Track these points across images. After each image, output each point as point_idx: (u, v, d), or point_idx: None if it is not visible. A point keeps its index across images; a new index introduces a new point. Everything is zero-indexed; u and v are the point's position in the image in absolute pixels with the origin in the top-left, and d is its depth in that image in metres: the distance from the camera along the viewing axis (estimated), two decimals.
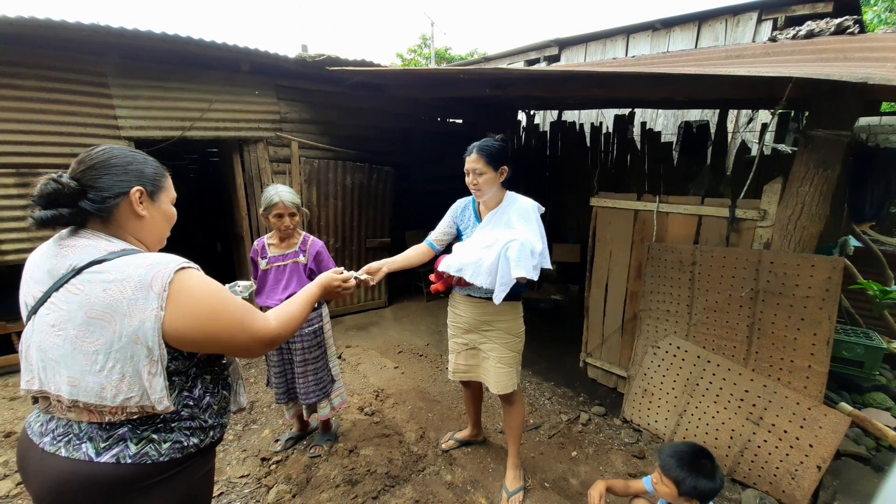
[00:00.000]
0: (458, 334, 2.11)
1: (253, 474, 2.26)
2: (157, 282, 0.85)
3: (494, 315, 1.97)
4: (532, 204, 1.90)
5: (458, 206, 2.12)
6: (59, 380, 0.86)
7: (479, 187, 1.85)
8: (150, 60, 3.30)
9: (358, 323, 4.48)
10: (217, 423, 1.04)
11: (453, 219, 2.11)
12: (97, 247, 0.90)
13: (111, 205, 0.93)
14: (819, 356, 2.13)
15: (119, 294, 0.84)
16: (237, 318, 0.96)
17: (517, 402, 2.09)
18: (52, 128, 3.04)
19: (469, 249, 1.83)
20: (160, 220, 1.05)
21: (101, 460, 0.87)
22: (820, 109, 2.03)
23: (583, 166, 5.44)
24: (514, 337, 2.01)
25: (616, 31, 5.68)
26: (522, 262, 1.66)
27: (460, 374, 2.17)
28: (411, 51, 16.38)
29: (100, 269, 0.86)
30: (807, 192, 2.08)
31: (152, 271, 0.86)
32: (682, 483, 1.38)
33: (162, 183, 1.04)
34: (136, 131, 3.34)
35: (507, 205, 1.90)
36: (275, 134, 3.97)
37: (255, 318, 1.01)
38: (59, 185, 0.88)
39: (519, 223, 1.81)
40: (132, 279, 0.84)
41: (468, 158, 1.85)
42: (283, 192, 2.08)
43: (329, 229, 4.34)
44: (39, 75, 2.95)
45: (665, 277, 2.68)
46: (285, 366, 2.29)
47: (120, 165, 0.96)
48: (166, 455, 0.92)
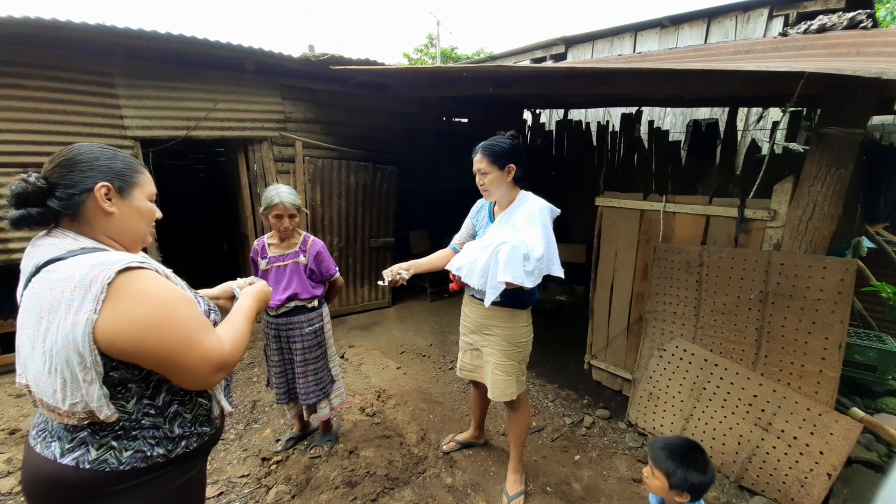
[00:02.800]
0: (466, 333, 2.11)
1: (253, 474, 2.25)
2: (97, 282, 0.79)
3: (493, 319, 1.93)
4: (541, 205, 1.80)
5: (476, 207, 2.10)
6: (29, 377, 0.87)
7: (486, 187, 1.82)
8: (155, 60, 3.32)
9: (361, 322, 4.47)
10: (191, 432, 0.98)
11: (471, 220, 2.09)
12: (60, 245, 0.87)
13: (77, 202, 0.90)
14: (831, 361, 2.07)
15: (60, 294, 0.80)
16: (184, 332, 0.86)
17: (521, 408, 2.05)
18: (58, 127, 3.06)
19: (470, 249, 1.81)
20: (132, 217, 0.98)
21: (63, 462, 0.86)
22: (833, 107, 1.97)
23: (589, 165, 5.38)
24: (514, 346, 1.92)
25: (623, 28, 5.61)
26: (510, 266, 1.59)
27: (465, 373, 2.17)
28: (417, 50, 16.37)
29: (53, 267, 0.83)
30: (819, 191, 2.02)
31: (94, 271, 0.80)
32: (673, 475, 1.35)
33: (133, 178, 0.98)
34: (141, 131, 3.36)
35: (517, 205, 1.85)
36: (279, 133, 3.98)
37: (206, 335, 0.91)
38: (27, 184, 0.87)
39: (523, 225, 1.74)
40: (74, 279, 0.80)
41: (474, 159, 1.82)
42: (284, 192, 2.07)
43: (333, 229, 4.33)
44: (46, 75, 2.98)
45: (671, 279, 2.63)
46: (286, 366, 2.28)
47: (86, 161, 0.92)
48: (127, 464, 0.88)
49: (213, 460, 2.37)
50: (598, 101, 4.91)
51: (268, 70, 3.76)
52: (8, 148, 2.93)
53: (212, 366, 0.90)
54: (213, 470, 2.29)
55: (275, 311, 2.16)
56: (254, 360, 3.58)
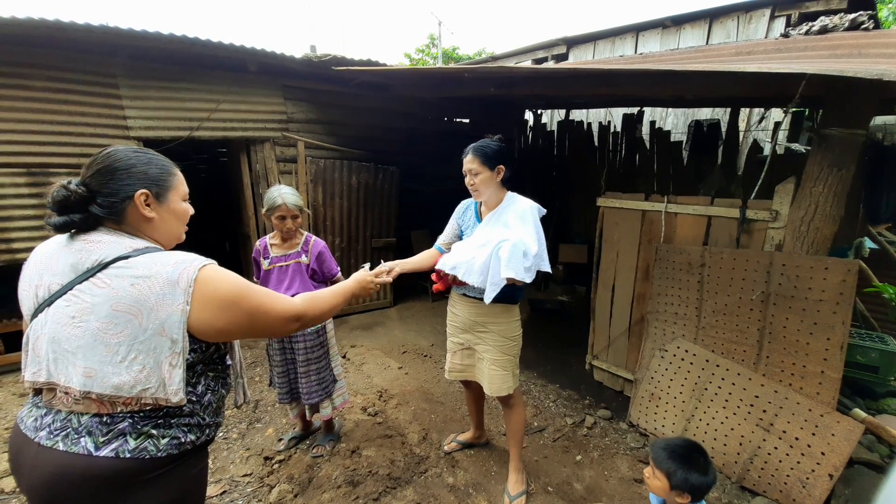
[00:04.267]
0: (455, 334, 2.11)
1: (256, 473, 2.26)
2: (183, 279, 0.90)
3: (488, 316, 1.96)
4: (531, 205, 1.87)
5: (460, 208, 2.13)
6: (71, 371, 0.88)
7: (476, 187, 1.87)
8: (158, 61, 3.33)
9: (363, 322, 4.49)
10: (213, 421, 1.05)
11: (457, 220, 2.12)
12: (122, 244, 0.94)
13: (120, 208, 0.96)
14: (832, 361, 2.07)
15: (147, 290, 0.88)
16: (257, 302, 1.01)
17: (516, 404, 2.07)
18: (62, 128, 3.08)
19: (464, 248, 1.84)
20: (170, 219, 1.06)
21: (101, 454, 0.88)
22: (834, 107, 1.97)
23: (591, 166, 5.38)
24: (509, 340, 1.98)
25: (625, 28, 5.61)
26: (513, 262, 1.65)
27: (456, 374, 2.17)
28: (419, 51, 16.39)
29: (126, 264, 0.90)
30: (820, 192, 2.02)
31: (178, 269, 0.91)
32: (674, 475, 1.35)
33: (169, 182, 1.04)
34: (144, 132, 3.37)
35: (507, 205, 1.90)
36: (281, 134, 3.99)
37: (275, 299, 1.06)
38: (68, 192, 0.91)
39: (516, 223, 1.80)
40: (161, 276, 0.89)
41: (465, 160, 1.87)
42: (287, 194, 2.07)
43: (335, 229, 4.35)
44: (50, 76, 3.00)
45: (673, 279, 2.63)
46: (288, 366, 2.29)
47: (123, 169, 0.97)
48: (164, 451, 0.93)
49: (216, 459, 2.38)
50: (599, 101, 4.92)
51: (270, 71, 3.78)
52: (12, 148, 2.95)
53: (287, 318, 1.07)
54: (216, 469, 2.30)
55: None
56: (256, 359, 3.59)
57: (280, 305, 1.06)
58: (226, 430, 2.64)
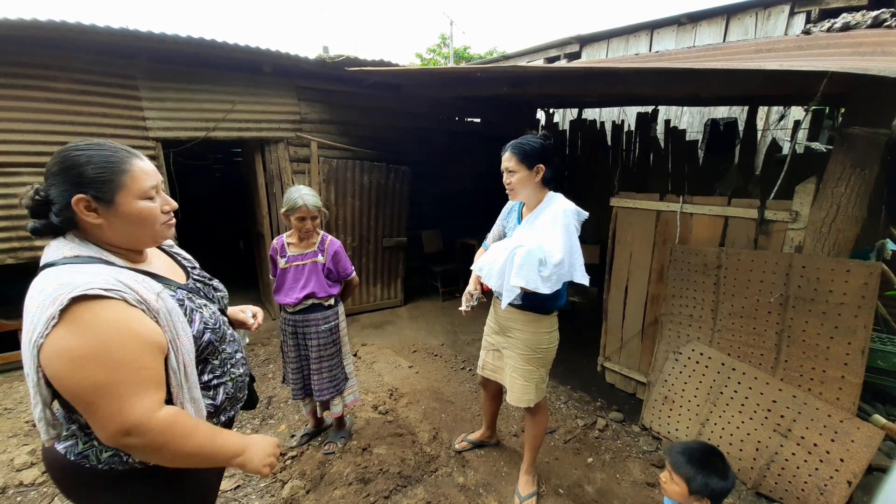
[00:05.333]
0: (489, 333, 2.10)
1: None
2: (54, 305, 0.75)
3: (514, 322, 1.90)
4: (566, 208, 1.72)
5: (506, 209, 2.06)
6: None
7: (513, 187, 1.78)
8: (177, 63, 3.39)
9: (374, 321, 4.51)
10: None
11: (501, 222, 2.07)
12: (59, 250, 0.85)
13: (68, 216, 0.86)
14: (853, 366, 2.02)
15: (34, 306, 0.78)
16: (109, 378, 0.77)
17: (539, 413, 2.03)
18: (83, 129, 3.15)
19: (494, 250, 1.79)
20: (121, 224, 0.89)
21: (59, 447, 0.90)
22: (857, 106, 1.92)
23: (603, 165, 5.32)
24: (534, 351, 1.89)
25: (639, 26, 5.53)
26: (524, 270, 1.56)
27: (487, 373, 2.15)
28: (430, 50, 16.41)
29: (45, 273, 0.82)
30: (842, 192, 1.97)
31: (57, 292, 0.76)
32: (693, 480, 1.33)
33: (115, 182, 0.86)
34: (163, 132, 3.44)
35: (543, 207, 1.80)
36: (295, 134, 4.03)
37: (138, 394, 0.79)
38: (30, 200, 0.86)
39: (545, 228, 1.70)
40: (43, 294, 0.77)
41: (503, 157, 1.79)
42: (307, 195, 2.09)
43: (347, 228, 4.38)
44: (71, 78, 3.07)
45: (688, 281, 2.59)
46: (302, 362, 2.32)
47: (59, 173, 0.85)
48: (105, 464, 0.88)
49: None
50: (613, 100, 4.86)
51: (284, 72, 3.82)
52: (35, 149, 3.03)
53: (120, 428, 0.78)
54: None
55: (292, 308, 2.20)
56: (269, 356, 3.64)
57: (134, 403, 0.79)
58: (239, 427, 2.69)
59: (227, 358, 1.10)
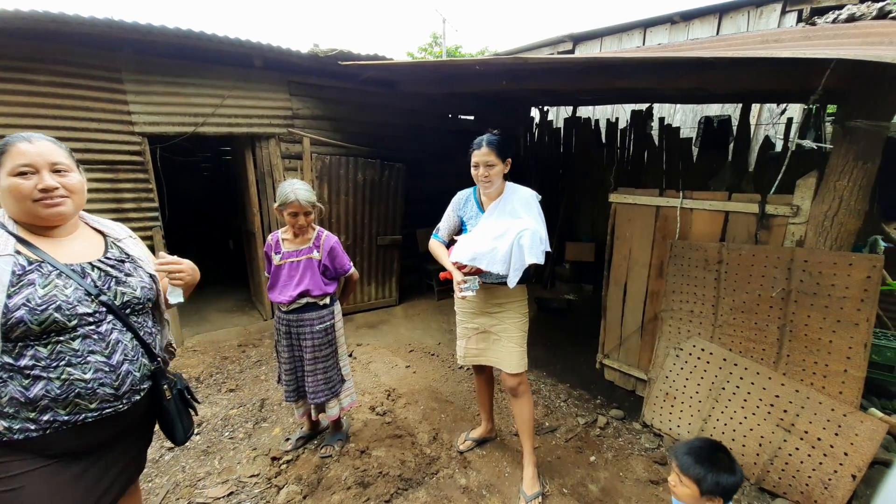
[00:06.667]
0: (469, 319, 2.15)
1: (263, 473, 2.22)
2: None
3: (507, 297, 2.05)
4: (531, 193, 2.00)
5: (459, 199, 2.17)
6: None
7: (490, 179, 1.93)
8: (163, 56, 3.29)
9: (369, 321, 4.44)
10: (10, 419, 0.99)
11: (456, 213, 2.17)
12: None
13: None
14: (856, 360, 2.02)
15: None
16: None
17: (523, 392, 2.09)
18: (66, 122, 3.04)
19: (479, 240, 1.89)
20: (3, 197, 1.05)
21: None
22: (860, 99, 1.91)
23: (597, 163, 5.33)
24: (523, 317, 2.10)
25: (632, 24, 5.55)
26: (534, 249, 1.79)
27: (471, 359, 2.18)
28: (422, 49, 16.35)
29: None
30: (845, 186, 1.96)
31: None
32: (704, 481, 1.30)
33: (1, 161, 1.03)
34: (149, 127, 3.33)
35: (509, 195, 1.99)
36: (287, 130, 3.95)
37: None
38: None
39: (524, 212, 1.92)
40: None
41: (478, 152, 1.92)
42: (300, 189, 2.01)
43: (340, 226, 4.30)
44: (54, 70, 2.96)
45: (689, 276, 2.57)
46: (296, 363, 2.24)
47: None
48: None
49: (222, 459, 2.33)
50: (608, 97, 4.86)
51: (275, 66, 3.73)
52: None
53: None
54: (223, 469, 2.26)
55: (286, 307, 2.12)
56: (261, 357, 3.55)
57: None
58: (231, 430, 2.60)
59: (68, 353, 1.03)
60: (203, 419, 2.68)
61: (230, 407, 2.83)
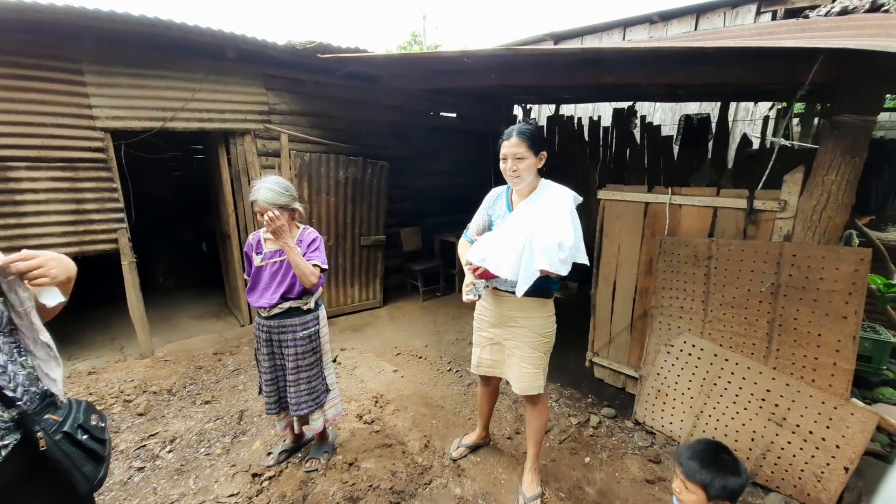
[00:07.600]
0: (484, 328, 2.00)
1: (243, 492, 2.07)
2: None
3: (520, 311, 1.85)
4: (567, 193, 1.75)
5: (491, 196, 2.00)
6: None
7: (519, 174, 1.71)
8: (128, 46, 3.07)
9: (353, 324, 4.30)
10: None
11: (486, 211, 1.99)
12: None
13: None
14: (845, 353, 2.03)
15: None
16: None
17: (541, 402, 1.98)
18: (21, 118, 2.80)
19: (493, 239, 1.72)
20: None
21: None
22: (848, 93, 1.93)
23: (581, 161, 5.33)
24: (541, 336, 1.88)
25: (612, 24, 5.59)
26: (547, 254, 1.55)
27: (484, 369, 2.05)
28: (401, 47, 16.17)
29: None
30: (833, 180, 1.98)
31: None
32: (711, 486, 1.26)
33: None
34: (112, 122, 3.11)
35: (540, 193, 1.78)
36: (263, 126, 3.77)
37: None
38: None
39: (551, 213, 1.68)
40: None
41: (507, 143, 1.71)
42: (263, 189, 1.86)
43: (322, 226, 4.14)
44: (7, 61, 2.72)
45: (678, 272, 2.57)
46: (277, 372, 2.10)
47: None
48: None
49: (198, 478, 2.17)
50: (591, 95, 4.87)
51: (250, 58, 3.55)
52: None
53: None
54: (199, 489, 2.10)
55: (267, 312, 1.98)
56: (239, 366, 3.37)
57: None
58: (208, 445, 2.43)
59: None
60: (176, 434, 2.50)
61: (206, 420, 2.66)
